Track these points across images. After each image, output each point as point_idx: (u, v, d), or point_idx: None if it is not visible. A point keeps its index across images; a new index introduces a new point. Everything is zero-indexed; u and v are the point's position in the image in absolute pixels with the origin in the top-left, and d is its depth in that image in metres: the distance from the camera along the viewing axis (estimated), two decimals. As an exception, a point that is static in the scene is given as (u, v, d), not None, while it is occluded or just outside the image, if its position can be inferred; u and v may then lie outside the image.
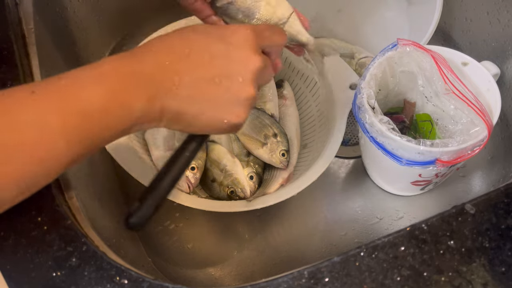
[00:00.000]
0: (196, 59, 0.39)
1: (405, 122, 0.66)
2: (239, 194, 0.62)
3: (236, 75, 0.40)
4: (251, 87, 0.41)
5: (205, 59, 0.40)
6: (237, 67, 0.40)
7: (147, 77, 0.37)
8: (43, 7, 0.63)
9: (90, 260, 0.41)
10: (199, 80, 0.39)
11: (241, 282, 0.64)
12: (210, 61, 0.40)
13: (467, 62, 0.60)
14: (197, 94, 0.39)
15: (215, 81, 0.40)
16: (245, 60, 0.41)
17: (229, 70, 0.40)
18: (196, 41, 0.40)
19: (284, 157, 0.65)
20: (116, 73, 0.36)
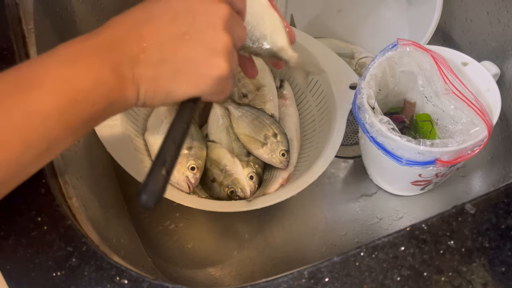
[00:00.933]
0: (159, 21, 0.38)
1: (405, 122, 0.66)
2: (239, 194, 0.62)
3: (205, 27, 0.39)
4: (224, 34, 0.39)
5: (169, 18, 0.38)
6: (204, 18, 0.39)
7: (108, 47, 0.36)
8: (43, 7, 0.63)
9: (90, 260, 0.41)
10: (168, 40, 0.38)
11: (241, 282, 0.64)
12: (175, 19, 0.38)
13: (467, 62, 0.60)
14: (169, 54, 0.38)
15: (185, 37, 0.38)
16: (210, 9, 0.39)
17: (196, 23, 0.38)
18: (156, 4, 0.39)
19: (284, 157, 0.65)
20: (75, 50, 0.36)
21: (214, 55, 0.39)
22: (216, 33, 0.39)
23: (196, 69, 0.39)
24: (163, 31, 0.38)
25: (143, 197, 0.35)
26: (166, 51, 0.37)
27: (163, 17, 0.38)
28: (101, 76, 0.35)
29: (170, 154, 0.38)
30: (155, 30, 0.37)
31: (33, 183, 0.44)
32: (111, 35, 0.37)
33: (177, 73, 0.38)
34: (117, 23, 0.38)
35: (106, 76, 0.35)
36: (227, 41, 0.39)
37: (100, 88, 0.35)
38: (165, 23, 0.38)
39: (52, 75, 0.34)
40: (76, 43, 0.36)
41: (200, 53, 0.38)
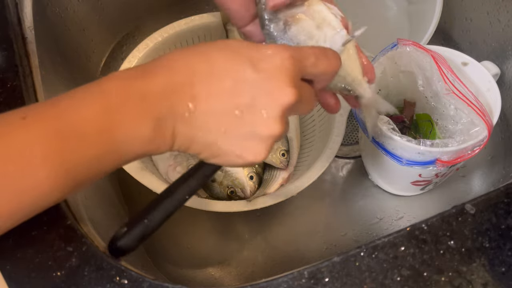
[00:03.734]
0: (216, 84, 0.34)
1: (405, 122, 0.66)
2: (239, 194, 0.62)
3: (260, 109, 0.34)
4: (276, 124, 0.35)
5: (227, 85, 0.34)
6: (263, 100, 0.34)
7: (157, 98, 0.33)
8: (43, 7, 0.63)
9: (90, 260, 0.41)
10: (217, 110, 0.34)
11: (241, 282, 0.64)
12: (233, 88, 0.34)
13: (467, 62, 0.60)
14: (213, 125, 0.34)
15: (235, 113, 0.34)
16: (275, 92, 0.34)
17: (254, 102, 0.34)
18: (220, 61, 0.35)
19: (284, 157, 0.65)
20: (120, 90, 0.33)
21: (255, 141, 0.35)
22: (268, 120, 0.35)
23: (233, 148, 0.35)
24: (217, 99, 0.34)
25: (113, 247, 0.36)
26: (211, 119, 0.34)
27: (223, 80, 0.34)
28: (141, 130, 0.33)
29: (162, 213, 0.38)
30: (210, 94, 0.34)
31: (33, 183, 0.44)
32: (165, 83, 0.33)
33: (213, 144, 0.35)
34: (175, 69, 0.34)
35: (147, 129, 0.33)
36: (276, 132, 0.35)
37: (137, 141, 0.33)
38: (222, 89, 0.34)
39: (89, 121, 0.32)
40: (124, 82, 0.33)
41: (243, 134, 0.35)
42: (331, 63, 0.38)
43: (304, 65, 0.36)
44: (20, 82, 0.52)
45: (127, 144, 0.33)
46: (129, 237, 0.36)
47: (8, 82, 0.51)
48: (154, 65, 0.35)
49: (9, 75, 0.52)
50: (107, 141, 0.32)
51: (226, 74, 0.34)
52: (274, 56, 0.35)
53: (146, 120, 0.33)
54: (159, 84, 0.33)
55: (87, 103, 0.32)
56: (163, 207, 0.38)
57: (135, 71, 0.34)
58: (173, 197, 0.38)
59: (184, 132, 0.34)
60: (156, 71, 0.34)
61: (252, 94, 0.34)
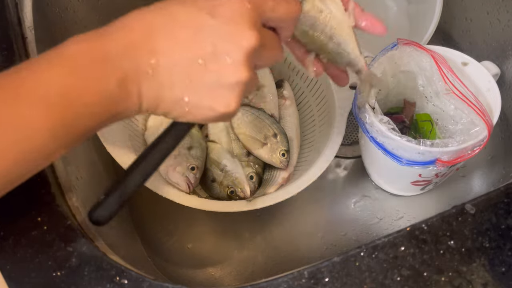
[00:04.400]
0: (176, 36, 0.34)
1: (405, 122, 0.66)
2: (239, 194, 0.62)
3: (223, 55, 0.34)
4: (242, 70, 0.34)
5: (187, 36, 0.34)
6: (225, 45, 0.34)
7: (117, 57, 0.33)
8: (43, 7, 0.63)
9: (90, 260, 0.41)
10: (180, 62, 0.34)
11: (241, 282, 0.64)
12: (194, 38, 0.34)
13: (467, 62, 0.60)
14: (177, 78, 0.34)
15: (199, 62, 0.34)
16: (236, 36, 0.34)
17: (216, 48, 0.34)
18: (177, 13, 0.34)
19: (284, 157, 0.65)
20: (81, 53, 0.32)
21: (224, 90, 0.35)
22: (233, 66, 0.34)
23: (202, 100, 0.35)
24: (178, 51, 0.34)
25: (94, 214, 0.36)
26: (175, 75, 0.34)
27: (183, 30, 0.34)
28: (107, 89, 0.32)
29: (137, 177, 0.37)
30: (170, 46, 0.34)
31: (34, 184, 0.44)
32: (125, 40, 0.33)
33: (181, 100, 0.35)
34: (134, 27, 0.34)
35: (111, 89, 0.33)
36: (243, 77, 0.34)
37: (103, 101, 0.33)
38: (183, 40, 0.34)
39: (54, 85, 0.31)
40: (86, 42, 0.33)
41: (210, 85, 0.34)
42: (290, 7, 0.38)
43: (263, 9, 0.36)
44: (20, 82, 0.52)
45: (94, 106, 0.32)
46: (107, 204, 0.37)
47: (8, 82, 0.51)
48: (112, 26, 0.34)
49: (9, 75, 0.52)
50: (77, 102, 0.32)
51: (184, 24, 0.34)
52: (232, 1, 0.34)
53: (109, 81, 0.32)
54: (119, 43, 0.33)
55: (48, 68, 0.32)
56: (138, 172, 0.38)
57: (93, 34, 0.33)
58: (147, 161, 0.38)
59: (150, 91, 0.34)
60: (115, 31, 0.34)
61: (213, 41, 0.34)
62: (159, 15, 0.34)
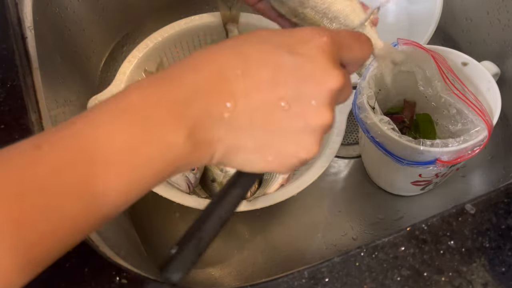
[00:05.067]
0: (254, 77, 0.30)
1: (405, 122, 0.66)
2: (239, 194, 0.62)
3: (308, 97, 0.30)
4: (327, 112, 0.31)
5: (266, 76, 0.30)
6: (309, 87, 0.30)
7: (187, 103, 0.29)
8: (43, 7, 0.63)
9: (90, 260, 0.41)
10: (261, 104, 0.30)
11: (241, 282, 0.64)
12: (273, 78, 0.30)
13: (467, 62, 0.60)
14: (259, 122, 0.30)
15: (281, 105, 0.30)
16: (321, 76, 0.31)
17: (299, 90, 0.30)
18: (252, 52, 0.31)
19: (284, 157, 0.65)
20: (145, 103, 0.28)
21: (308, 134, 0.31)
22: (318, 109, 0.31)
23: (285, 147, 0.31)
24: (258, 92, 0.30)
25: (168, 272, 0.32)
26: (257, 118, 0.30)
27: (262, 71, 0.30)
28: (174, 142, 0.28)
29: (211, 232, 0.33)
30: (249, 87, 0.30)
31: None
32: (193, 86, 0.29)
33: (262, 146, 0.31)
34: (203, 69, 0.30)
35: (179, 141, 0.28)
36: (328, 121, 0.31)
37: (169, 156, 0.29)
38: (262, 81, 0.30)
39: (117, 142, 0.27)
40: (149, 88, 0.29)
41: (294, 129, 0.31)
42: (364, 47, 0.35)
43: (342, 47, 0.33)
44: (20, 82, 0.52)
45: (161, 161, 0.29)
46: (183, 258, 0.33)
47: (8, 82, 0.51)
48: (177, 68, 0.30)
49: (9, 75, 0.52)
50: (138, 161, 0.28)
51: (262, 64, 0.30)
52: (312, 39, 0.31)
53: (179, 131, 0.28)
54: (187, 86, 0.29)
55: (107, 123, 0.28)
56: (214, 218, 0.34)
57: (156, 79, 0.30)
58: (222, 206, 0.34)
59: (227, 137, 0.30)
60: (181, 74, 0.30)
61: (296, 82, 0.30)
62: (231, 54, 0.31)
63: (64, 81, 0.66)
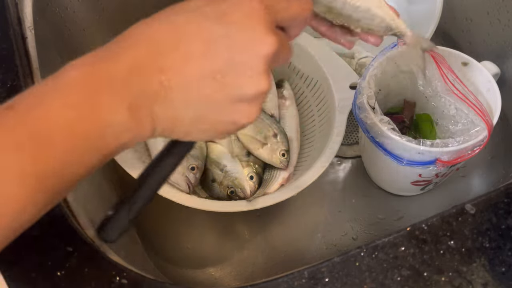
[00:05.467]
0: (187, 51, 0.30)
1: (405, 122, 0.66)
2: (239, 194, 0.62)
3: (242, 67, 0.31)
4: (263, 79, 0.31)
5: (199, 50, 0.30)
6: (242, 56, 0.31)
7: (124, 80, 0.29)
8: (43, 7, 0.63)
9: (90, 260, 0.41)
10: (194, 78, 0.30)
11: (241, 282, 0.64)
12: (206, 51, 0.30)
13: (467, 62, 0.60)
14: (193, 96, 0.31)
15: (215, 77, 0.30)
16: (253, 44, 0.31)
17: (231, 60, 0.30)
18: (186, 25, 0.31)
19: (284, 157, 0.65)
20: (84, 80, 0.29)
21: (246, 102, 0.32)
22: (253, 77, 0.31)
23: (221, 117, 0.32)
24: (190, 66, 0.30)
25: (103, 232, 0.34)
26: (190, 92, 0.31)
27: (194, 44, 0.30)
28: (114, 119, 0.29)
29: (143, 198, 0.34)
30: (181, 63, 0.30)
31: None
32: (130, 62, 0.30)
33: (199, 119, 0.32)
34: (139, 44, 0.30)
35: (120, 118, 0.29)
36: (264, 88, 0.31)
37: (111, 132, 0.29)
38: (194, 54, 0.30)
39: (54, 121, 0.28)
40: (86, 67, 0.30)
41: (230, 99, 0.31)
42: (303, 5, 0.35)
43: (276, 9, 0.32)
44: (20, 82, 0.52)
45: (102, 137, 0.29)
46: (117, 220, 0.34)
47: (8, 82, 0.51)
48: (115, 46, 0.31)
49: (9, 75, 0.52)
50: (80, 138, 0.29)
51: (194, 37, 0.30)
52: (241, 5, 0.31)
53: (118, 107, 0.29)
54: (125, 63, 0.29)
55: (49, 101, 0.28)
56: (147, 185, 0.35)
57: (93, 56, 0.30)
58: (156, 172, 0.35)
59: (164, 113, 0.31)
60: (117, 51, 0.30)
61: (227, 52, 0.30)
62: (164, 29, 0.31)
63: (64, 81, 0.66)
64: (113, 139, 0.30)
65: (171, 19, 0.31)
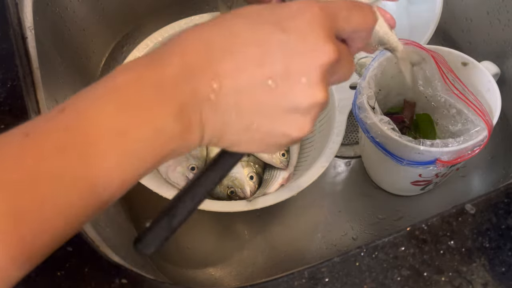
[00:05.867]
0: (241, 56, 0.29)
1: (405, 122, 0.66)
2: (239, 194, 0.62)
3: (297, 75, 0.29)
4: (319, 90, 0.30)
5: (253, 54, 0.29)
6: (299, 64, 0.29)
7: (174, 85, 0.28)
8: (43, 7, 0.63)
9: (90, 260, 0.41)
10: (247, 84, 0.29)
11: (241, 282, 0.64)
12: (262, 56, 0.29)
13: (467, 62, 0.60)
14: (246, 103, 0.29)
15: (269, 84, 0.29)
16: (311, 52, 0.29)
17: (287, 68, 0.29)
18: (239, 29, 0.30)
19: (284, 157, 0.65)
20: (132, 84, 0.28)
21: (299, 114, 0.30)
22: (308, 86, 0.30)
23: (273, 126, 0.31)
24: (244, 72, 0.29)
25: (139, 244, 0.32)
26: (243, 98, 0.29)
27: (248, 51, 0.29)
28: (163, 124, 0.28)
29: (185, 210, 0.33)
30: (234, 67, 0.29)
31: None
32: (180, 64, 0.29)
33: (249, 127, 0.30)
34: (190, 49, 0.29)
35: (169, 123, 0.28)
36: (320, 99, 0.30)
37: (160, 138, 0.28)
38: (249, 61, 0.29)
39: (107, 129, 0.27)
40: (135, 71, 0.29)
41: (283, 109, 0.30)
42: (366, 17, 0.33)
43: (337, 19, 0.31)
44: (20, 82, 0.52)
45: (150, 144, 0.28)
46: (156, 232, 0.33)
47: (8, 82, 0.51)
48: (165, 49, 0.30)
49: (9, 75, 0.52)
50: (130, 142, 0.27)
51: (250, 42, 0.29)
52: (302, 12, 0.30)
53: (166, 113, 0.28)
54: (174, 68, 0.29)
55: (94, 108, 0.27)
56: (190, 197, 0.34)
57: (144, 60, 0.29)
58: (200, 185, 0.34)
59: (214, 119, 0.29)
60: (169, 55, 0.29)
61: (285, 59, 0.29)
62: (217, 32, 0.30)
63: (64, 81, 0.66)
64: (162, 144, 0.28)
65: (225, 23, 0.30)
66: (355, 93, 0.60)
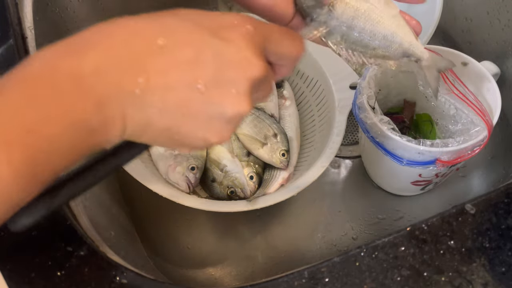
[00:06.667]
0: (174, 55, 0.28)
1: (405, 122, 0.66)
2: (239, 194, 0.62)
3: (227, 83, 0.29)
4: (245, 101, 0.30)
5: (187, 56, 0.28)
6: (230, 72, 0.29)
7: (94, 76, 0.26)
8: (43, 7, 0.63)
9: (90, 260, 0.41)
10: (176, 84, 0.28)
11: (241, 282, 0.64)
12: (195, 59, 0.29)
13: (467, 62, 0.60)
14: (171, 102, 0.28)
15: (198, 87, 0.28)
16: (242, 63, 0.30)
17: (219, 74, 0.29)
18: (177, 29, 0.29)
19: (284, 157, 0.65)
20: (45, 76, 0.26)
21: (221, 121, 0.30)
22: (236, 97, 0.30)
23: (194, 129, 0.30)
24: (174, 71, 0.28)
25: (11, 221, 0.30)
26: (169, 97, 0.28)
27: (182, 51, 0.28)
28: (82, 118, 0.26)
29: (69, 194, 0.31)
30: (166, 65, 0.28)
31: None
32: (105, 58, 0.27)
33: (171, 129, 0.30)
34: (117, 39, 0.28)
35: (87, 117, 0.26)
36: (244, 110, 0.30)
37: (77, 133, 0.26)
38: (181, 59, 0.28)
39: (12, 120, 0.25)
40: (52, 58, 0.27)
41: (208, 114, 0.30)
42: (295, 44, 0.34)
43: (269, 40, 0.32)
44: (20, 82, 0.52)
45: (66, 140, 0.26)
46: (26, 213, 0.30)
47: (8, 82, 0.51)
48: (90, 37, 0.28)
49: (9, 75, 0.52)
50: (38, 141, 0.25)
51: (185, 42, 0.29)
52: (237, 25, 0.30)
53: (85, 107, 0.26)
54: (97, 58, 0.27)
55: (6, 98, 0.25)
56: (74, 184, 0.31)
57: (63, 45, 0.27)
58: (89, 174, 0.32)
59: (136, 115, 0.28)
60: (90, 41, 0.27)
61: (217, 65, 0.29)
62: (152, 27, 0.29)
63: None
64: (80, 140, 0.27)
65: (163, 20, 0.30)
66: (355, 93, 0.60)
